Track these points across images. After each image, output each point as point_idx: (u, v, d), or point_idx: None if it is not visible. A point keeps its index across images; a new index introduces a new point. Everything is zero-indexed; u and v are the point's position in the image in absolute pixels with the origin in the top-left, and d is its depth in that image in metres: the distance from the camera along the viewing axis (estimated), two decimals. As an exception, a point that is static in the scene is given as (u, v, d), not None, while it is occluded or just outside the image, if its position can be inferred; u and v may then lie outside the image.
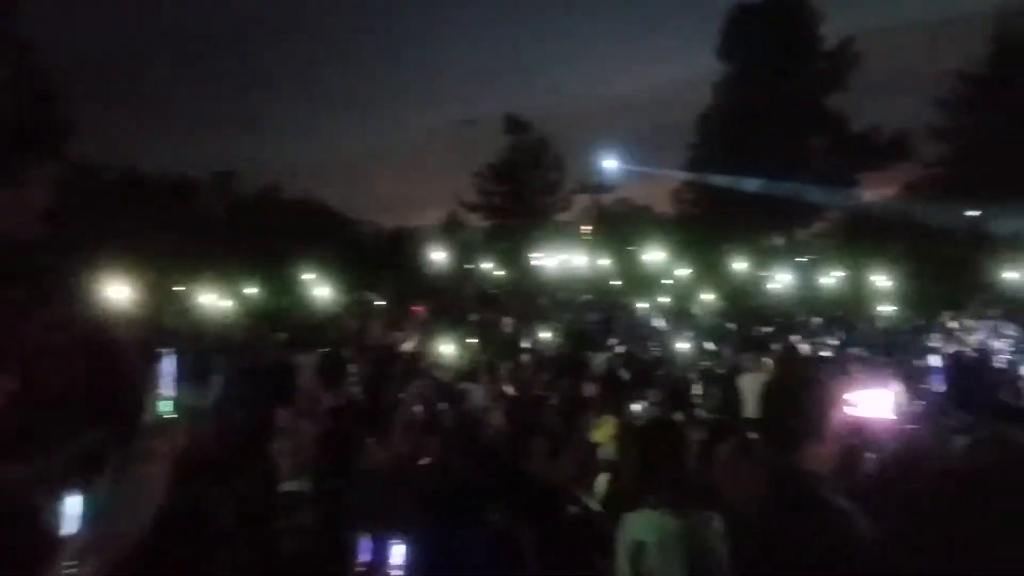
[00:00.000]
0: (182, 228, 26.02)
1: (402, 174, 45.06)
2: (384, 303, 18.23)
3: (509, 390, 8.17)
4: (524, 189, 34.79)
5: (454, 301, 20.07)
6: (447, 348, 9.49)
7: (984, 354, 14.20)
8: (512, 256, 28.87)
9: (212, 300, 15.49)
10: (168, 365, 1.80)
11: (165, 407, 1.78)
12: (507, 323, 16.61)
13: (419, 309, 18.04)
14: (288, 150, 42.45)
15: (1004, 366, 13.75)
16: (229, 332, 12.86)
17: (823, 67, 30.69)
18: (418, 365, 9.17)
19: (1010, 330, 16.32)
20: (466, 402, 7.03)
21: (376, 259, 28.65)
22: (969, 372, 12.60)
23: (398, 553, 2.37)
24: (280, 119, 45.01)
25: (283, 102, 46.95)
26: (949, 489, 1.25)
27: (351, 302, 18.45)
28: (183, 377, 1.82)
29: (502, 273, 27.21)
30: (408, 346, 11.08)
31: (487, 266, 27.52)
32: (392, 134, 46.63)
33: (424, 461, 4.57)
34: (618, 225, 32.81)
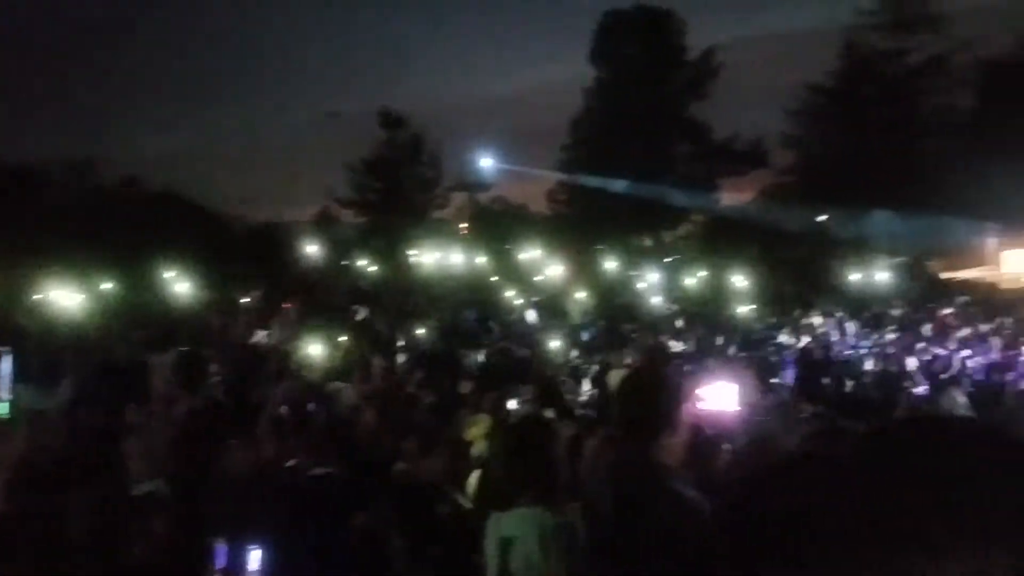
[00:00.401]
0: (31, 220, 24.25)
1: (273, 168, 43.72)
2: (251, 300, 17.60)
3: (382, 389, 8.08)
4: (399, 185, 34.50)
5: (326, 298, 19.64)
6: (317, 346, 9.28)
7: (829, 350, 15.26)
8: (387, 253, 28.57)
9: (65, 297, 14.51)
10: (5, 366, 1.68)
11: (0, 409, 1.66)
12: (381, 321, 16.42)
13: (290, 306, 17.56)
14: (151, 142, 40.32)
15: (847, 360, 14.85)
16: (82, 331, 12.09)
17: (687, 76, 32.03)
18: (286, 364, 8.92)
19: (853, 327, 17.62)
20: (336, 402, 6.90)
21: (244, 254, 27.65)
22: (815, 366, 13.53)
23: (255, 559, 2.30)
24: (143, 110, 42.66)
25: (147, 93, 44.52)
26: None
27: (214, 299, 17.72)
28: (26, 378, 1.71)
29: (376, 270, 26.87)
30: (276, 344, 10.76)
31: (361, 263, 27.11)
32: (263, 127, 45.17)
33: (290, 463, 4.46)
34: (494, 223, 33.07)
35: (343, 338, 11.61)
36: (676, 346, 15.16)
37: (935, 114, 27.36)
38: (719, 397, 3.72)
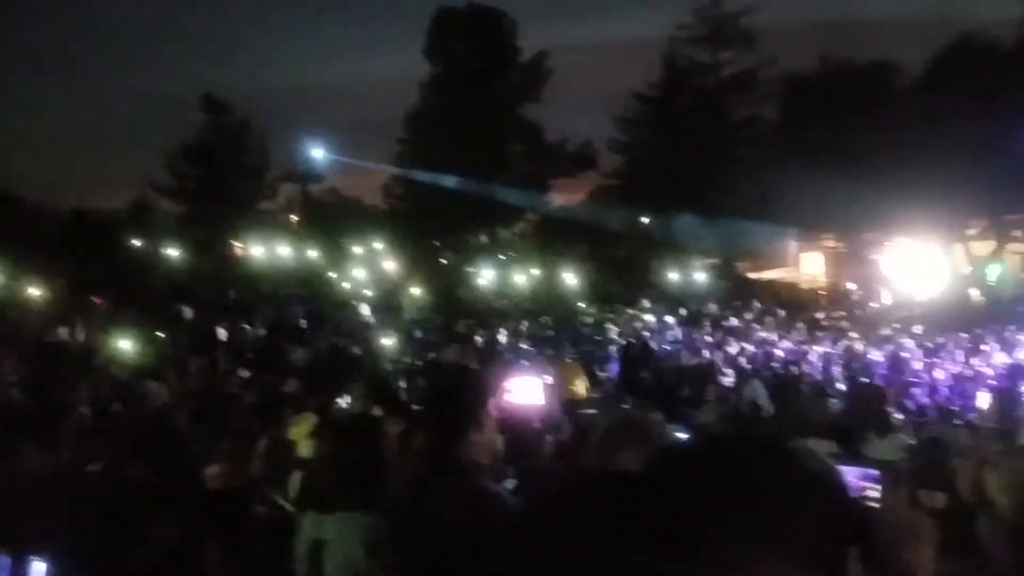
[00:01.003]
0: None
1: (83, 152, 40.27)
2: (52, 293, 16.18)
3: (199, 388, 7.67)
4: (223, 174, 32.86)
5: (140, 292, 18.38)
6: (128, 343, 8.67)
7: (650, 345, 16.09)
8: (209, 244, 27.16)
9: None
10: None
11: None
12: (201, 315, 15.58)
13: (100, 300, 16.36)
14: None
15: (666, 355, 15.72)
16: None
17: (519, 78, 32.62)
18: (91, 361, 8.27)
19: (672, 323, 18.69)
20: (146, 402, 6.47)
21: (49, 244, 25.31)
22: (637, 361, 14.22)
23: (38, 572, 2.10)
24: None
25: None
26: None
27: (8, 292, 16.15)
28: None
29: (197, 262, 25.48)
30: (81, 341, 9.95)
31: (180, 254, 25.60)
32: (72, 106, 41.42)
33: (92, 468, 4.13)
34: (326, 216, 32.27)
35: (159, 334, 10.94)
36: (509, 342, 15.46)
37: (744, 125, 29.55)
38: (525, 391, 3.80)
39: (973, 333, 17.22)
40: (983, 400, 12.92)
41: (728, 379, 12.44)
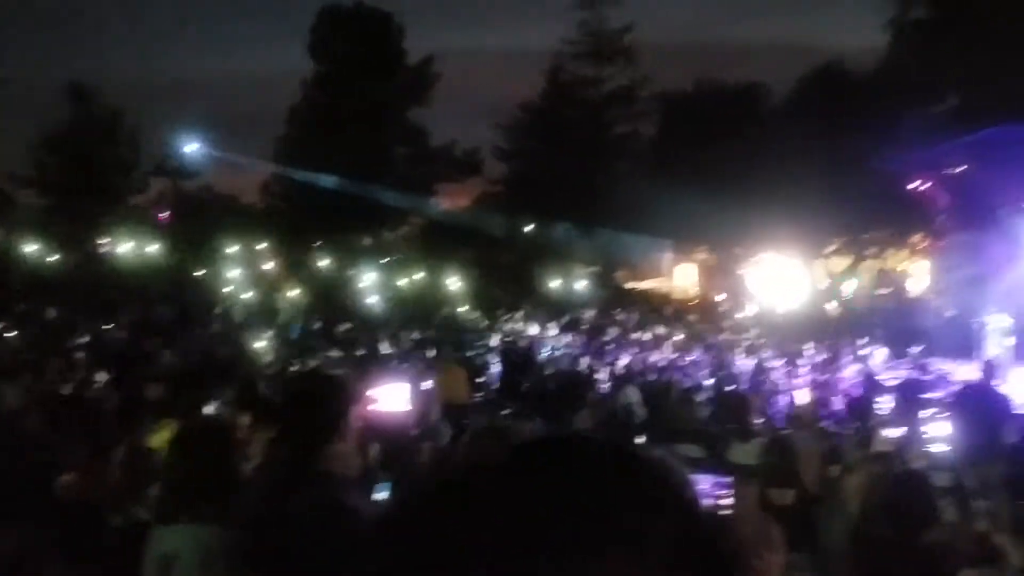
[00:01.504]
0: None
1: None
2: None
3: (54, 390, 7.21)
4: (90, 166, 30.99)
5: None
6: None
7: (531, 351, 16.33)
8: (72, 239, 25.54)
9: None
10: None
11: None
12: (60, 314, 14.65)
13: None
14: None
15: (547, 361, 15.97)
16: None
17: (405, 81, 32.41)
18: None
19: (553, 329, 19.03)
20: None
21: None
22: (517, 366, 14.40)
23: None
24: None
25: None
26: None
27: None
28: None
29: (58, 258, 23.93)
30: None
31: (39, 249, 23.95)
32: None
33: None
34: (199, 213, 30.96)
35: (11, 333, 10.22)
36: (388, 347, 15.30)
37: (623, 139, 30.47)
38: (394, 398, 3.79)
39: (830, 344, 18.39)
40: (841, 406, 13.88)
41: (605, 385, 12.79)
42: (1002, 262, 20.42)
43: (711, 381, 14.44)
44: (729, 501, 1.68)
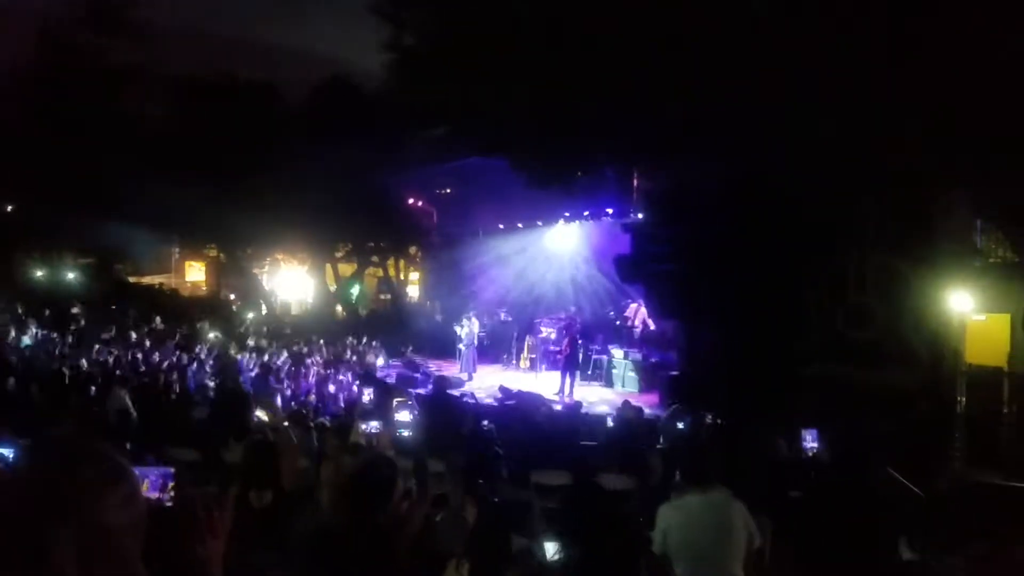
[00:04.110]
0: None
1: None
2: None
3: None
4: None
5: None
6: None
7: (5, 347, 14.21)
8: None
9: None
10: None
11: None
12: None
13: None
14: None
15: (27, 360, 14.06)
16: None
17: None
18: None
19: (33, 324, 16.77)
20: None
21: None
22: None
23: None
24: None
25: None
26: None
27: None
28: None
29: None
30: None
31: None
32: None
33: None
34: None
35: None
36: None
37: (131, 123, 27.89)
38: None
39: (335, 344, 19.53)
40: (339, 402, 14.86)
41: (94, 387, 11.73)
42: (477, 276, 23.97)
43: (213, 382, 14.25)
44: (171, 493, 1.79)
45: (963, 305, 10.85)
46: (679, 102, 12.57)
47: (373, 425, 6.85)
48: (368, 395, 11.90)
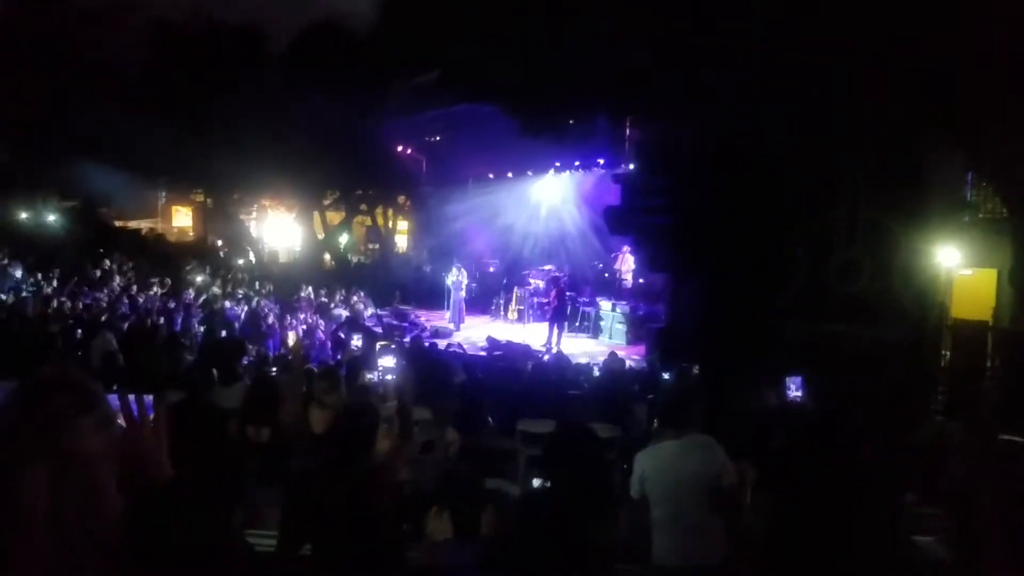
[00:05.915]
0: None
1: None
2: None
3: None
4: None
5: None
6: None
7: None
8: None
9: None
10: None
11: None
12: None
13: None
14: None
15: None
16: None
17: None
18: None
19: (18, 268, 16.61)
20: None
21: None
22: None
23: None
24: None
25: None
26: None
27: None
28: None
29: None
30: None
31: None
32: None
33: None
34: None
35: None
36: None
37: (111, 66, 27.16)
38: None
39: (324, 291, 19.46)
40: (327, 348, 14.84)
41: (80, 330, 11.67)
42: (466, 226, 23.80)
43: (201, 326, 14.22)
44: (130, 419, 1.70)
45: (951, 260, 10.88)
46: (669, 55, 12.43)
47: (360, 370, 6.82)
48: (357, 340, 11.88)
